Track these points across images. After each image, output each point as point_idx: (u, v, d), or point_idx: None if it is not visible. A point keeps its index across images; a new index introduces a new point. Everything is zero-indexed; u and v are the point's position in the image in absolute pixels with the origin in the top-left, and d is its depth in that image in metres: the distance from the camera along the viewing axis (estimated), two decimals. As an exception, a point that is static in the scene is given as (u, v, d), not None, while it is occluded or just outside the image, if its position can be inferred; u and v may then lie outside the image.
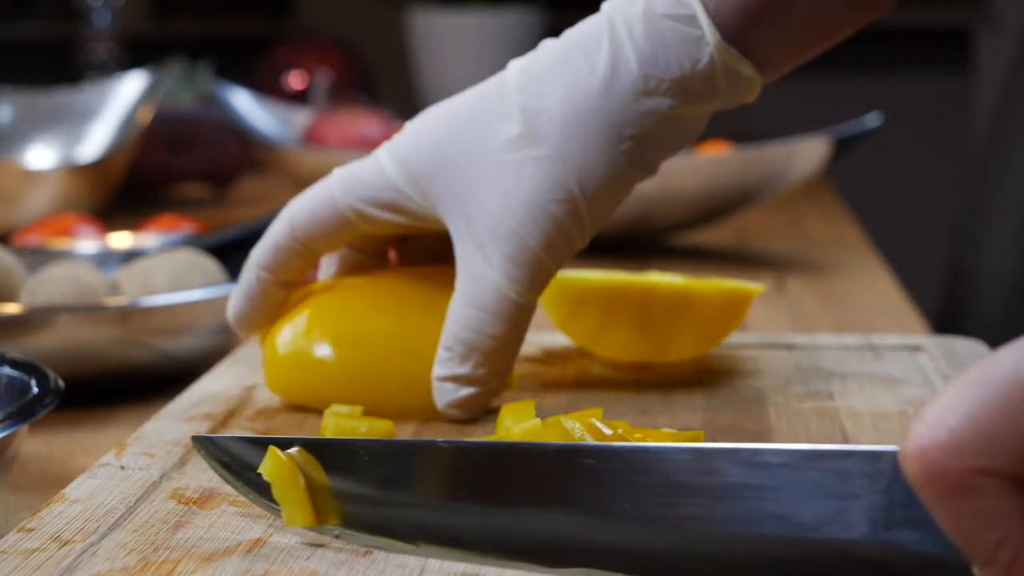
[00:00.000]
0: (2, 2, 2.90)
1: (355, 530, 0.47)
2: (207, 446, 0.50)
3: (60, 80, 1.69)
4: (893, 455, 0.39)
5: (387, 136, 1.47)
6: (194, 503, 0.52)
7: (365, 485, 0.47)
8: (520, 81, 0.62)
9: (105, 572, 0.45)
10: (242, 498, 0.52)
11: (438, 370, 0.62)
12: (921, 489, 0.36)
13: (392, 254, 0.69)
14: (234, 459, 0.49)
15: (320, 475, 0.47)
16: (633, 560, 0.43)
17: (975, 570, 0.37)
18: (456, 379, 0.62)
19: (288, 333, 0.64)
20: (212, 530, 0.49)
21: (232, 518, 0.50)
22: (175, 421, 0.62)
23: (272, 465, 0.47)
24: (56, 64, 2.21)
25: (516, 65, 0.63)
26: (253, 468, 0.48)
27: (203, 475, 0.55)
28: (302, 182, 1.39)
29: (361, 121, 1.47)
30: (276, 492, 0.47)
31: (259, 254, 0.66)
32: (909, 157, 2.99)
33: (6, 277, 0.82)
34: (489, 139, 0.62)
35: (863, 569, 0.40)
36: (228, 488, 0.53)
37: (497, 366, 0.62)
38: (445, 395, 0.62)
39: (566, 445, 0.45)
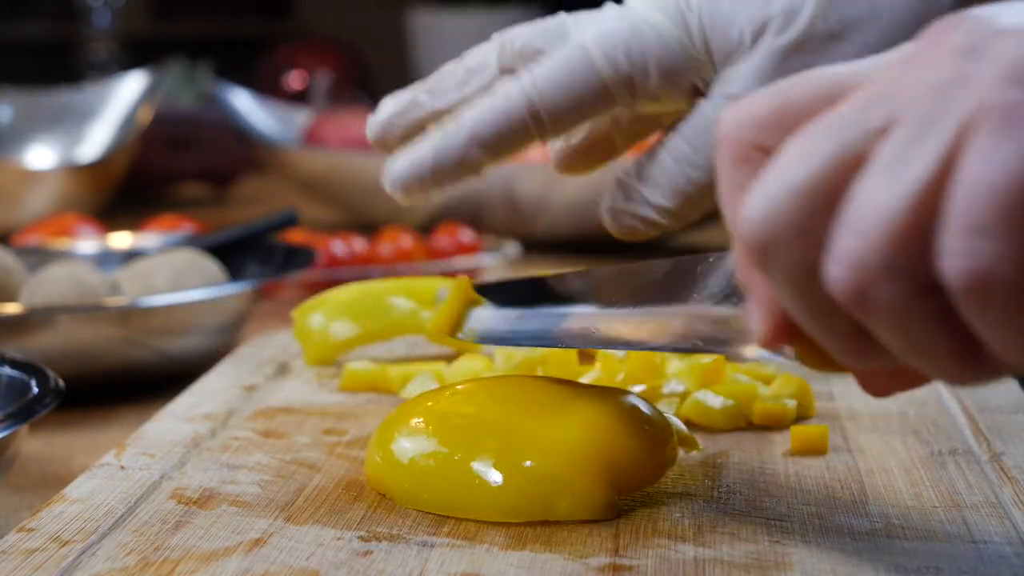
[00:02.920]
0: (2, 2, 2.90)
1: None
2: None
3: (60, 80, 1.69)
4: None
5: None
6: (194, 503, 0.52)
7: None
8: None
9: (105, 572, 0.45)
10: (242, 498, 0.52)
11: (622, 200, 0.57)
12: (718, 149, 0.42)
13: None
14: None
15: None
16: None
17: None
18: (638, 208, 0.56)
19: (409, 445, 0.52)
20: (212, 530, 0.49)
21: (232, 518, 0.50)
22: (175, 421, 0.62)
23: None
24: (56, 64, 2.21)
25: None
26: None
27: (203, 475, 0.55)
28: (302, 182, 1.40)
29: (361, 121, 1.47)
30: None
31: (478, 127, 0.55)
32: (909, 157, 2.99)
33: (6, 277, 0.82)
34: None
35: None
36: (228, 488, 0.53)
37: (687, 208, 0.56)
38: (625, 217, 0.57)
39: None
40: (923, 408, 0.63)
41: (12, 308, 0.77)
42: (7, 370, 0.63)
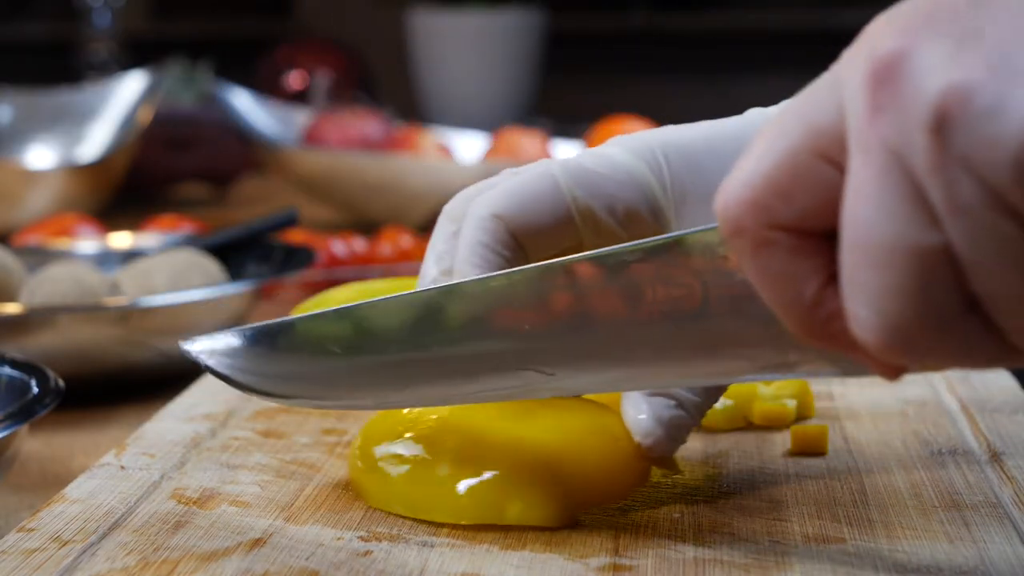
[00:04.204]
0: (2, 2, 2.90)
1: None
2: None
3: (60, 80, 1.69)
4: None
5: (387, 136, 1.47)
6: (194, 503, 0.52)
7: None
8: None
9: (105, 572, 0.45)
10: (242, 498, 0.52)
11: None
12: (730, 245, 0.37)
13: None
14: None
15: None
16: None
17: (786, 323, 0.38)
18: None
19: (382, 448, 0.52)
20: (212, 530, 0.49)
21: (232, 518, 0.50)
22: (175, 421, 0.62)
23: None
24: (56, 64, 2.21)
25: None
26: None
27: (203, 475, 0.55)
28: (302, 182, 1.40)
29: (361, 121, 1.47)
30: None
31: (473, 267, 0.51)
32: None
33: (6, 277, 0.82)
34: None
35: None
36: (228, 488, 0.53)
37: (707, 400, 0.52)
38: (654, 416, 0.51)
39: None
40: (923, 408, 0.63)
41: (12, 308, 0.77)
42: (7, 370, 0.63)
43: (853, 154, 0.34)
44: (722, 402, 0.61)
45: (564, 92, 2.46)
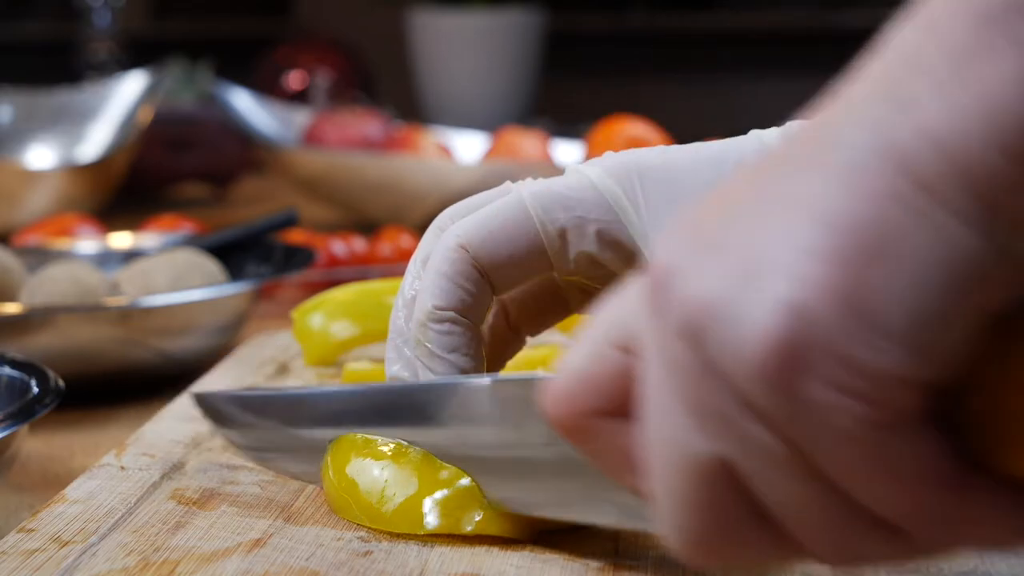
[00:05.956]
0: (2, 2, 2.90)
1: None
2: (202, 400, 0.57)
3: (60, 80, 1.69)
4: None
5: (387, 136, 1.47)
6: (194, 503, 0.52)
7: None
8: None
9: (105, 572, 0.45)
10: (242, 498, 0.52)
11: None
12: (560, 434, 0.39)
13: None
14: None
15: None
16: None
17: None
18: None
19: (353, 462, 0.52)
20: (212, 530, 0.49)
21: (232, 518, 0.50)
22: (175, 421, 0.62)
23: None
24: (56, 64, 2.21)
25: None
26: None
27: (203, 475, 0.55)
28: (302, 182, 1.40)
29: (361, 121, 1.47)
30: None
31: (432, 297, 0.51)
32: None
33: (6, 277, 0.82)
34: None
35: None
36: (228, 488, 0.53)
37: None
38: None
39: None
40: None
41: (12, 308, 0.77)
42: (7, 370, 0.63)
43: (644, 356, 0.35)
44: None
45: (564, 92, 2.46)
